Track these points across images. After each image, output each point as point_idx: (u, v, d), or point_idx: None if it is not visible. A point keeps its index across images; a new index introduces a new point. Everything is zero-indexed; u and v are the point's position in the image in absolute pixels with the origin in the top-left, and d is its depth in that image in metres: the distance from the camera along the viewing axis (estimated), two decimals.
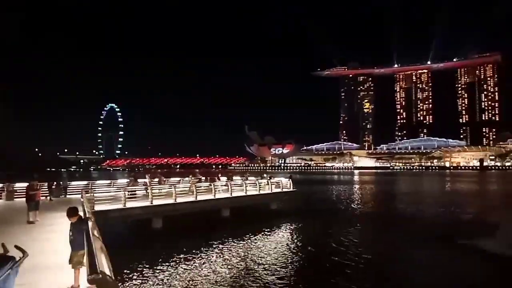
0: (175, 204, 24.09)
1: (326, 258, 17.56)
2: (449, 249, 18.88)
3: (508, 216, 20.30)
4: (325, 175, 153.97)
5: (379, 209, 39.91)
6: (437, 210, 36.86)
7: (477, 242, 18.82)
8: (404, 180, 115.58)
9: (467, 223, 28.83)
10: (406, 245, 20.47)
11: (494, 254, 16.86)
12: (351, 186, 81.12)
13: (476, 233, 20.69)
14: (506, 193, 60.11)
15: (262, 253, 18.36)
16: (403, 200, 48.67)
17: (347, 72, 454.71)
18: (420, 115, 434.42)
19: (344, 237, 22.23)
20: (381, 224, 28.86)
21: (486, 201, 50.29)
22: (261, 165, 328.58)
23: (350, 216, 32.65)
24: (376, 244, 21.42)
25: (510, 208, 22.24)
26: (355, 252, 18.31)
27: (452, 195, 58.19)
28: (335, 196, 53.50)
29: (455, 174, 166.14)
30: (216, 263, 16.45)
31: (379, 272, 15.92)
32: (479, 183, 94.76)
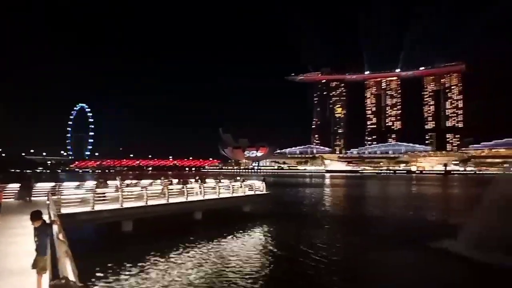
0: (146, 206, 23.67)
1: (297, 261, 17.79)
2: (416, 250, 19.55)
3: (469, 218, 21.38)
4: (297, 178, 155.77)
5: (349, 212, 40.82)
6: (404, 213, 38.16)
7: (442, 244, 19.64)
8: (373, 183, 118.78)
9: (432, 225, 30.02)
10: (374, 247, 21.02)
11: (457, 255, 17.66)
12: (322, 189, 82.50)
13: (441, 235, 21.56)
14: (467, 196, 63.03)
15: (234, 256, 18.36)
16: (372, 203, 50.02)
17: (320, 78, 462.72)
18: (389, 121, 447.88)
19: (315, 239, 22.59)
20: (350, 227, 29.53)
21: (449, 204, 52.57)
22: (235, 167, 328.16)
23: (321, 218, 33.18)
24: (346, 246, 21.90)
25: (471, 211, 23.43)
26: (325, 255, 18.65)
27: (418, 198, 60.37)
28: (307, 199, 54.25)
29: (421, 178, 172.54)
30: (188, 266, 16.30)
31: (348, 274, 16.31)
32: (443, 187, 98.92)
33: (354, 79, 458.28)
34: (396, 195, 69.32)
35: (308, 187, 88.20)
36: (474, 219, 20.24)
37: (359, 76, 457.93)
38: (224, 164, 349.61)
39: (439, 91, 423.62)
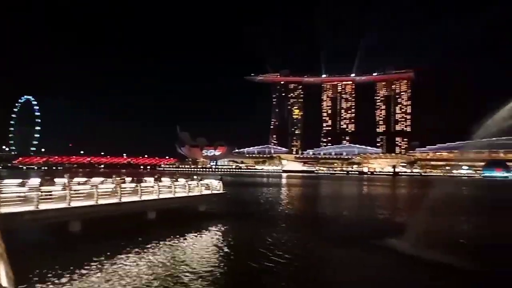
0: (96, 206, 22.68)
1: (252, 260, 17.88)
2: (364, 248, 20.39)
3: (413, 217, 22.75)
4: (255, 178, 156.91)
5: (303, 211, 41.80)
6: (354, 212, 39.74)
7: (388, 242, 20.70)
8: (327, 183, 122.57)
9: (380, 224, 31.52)
10: (327, 246, 21.68)
11: (402, 253, 18.69)
12: (279, 188, 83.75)
13: (388, 233, 22.69)
14: (412, 196, 67.01)
15: (188, 257, 18.11)
16: (325, 203, 51.64)
17: (279, 79, 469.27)
18: (343, 124, 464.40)
19: (270, 238, 22.85)
20: (305, 226, 30.24)
21: (396, 203, 55.54)
22: (192, 166, 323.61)
23: (276, 218, 33.67)
24: (300, 245, 22.36)
25: (415, 210, 25.07)
26: (280, 254, 18.92)
27: (368, 198, 63.22)
28: (264, 198, 54.79)
29: (371, 179, 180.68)
30: (138, 268, 15.79)
31: (301, 272, 16.67)
32: (391, 187, 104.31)
33: (311, 81, 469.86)
34: (348, 195, 72.03)
35: (265, 187, 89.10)
36: (417, 218, 21.50)
37: (316, 79, 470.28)
38: (181, 163, 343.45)
39: (390, 96, 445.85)
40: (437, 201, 21.36)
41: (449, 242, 18.88)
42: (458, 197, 57.35)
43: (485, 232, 26.99)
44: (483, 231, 27.37)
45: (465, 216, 34.13)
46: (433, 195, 22.65)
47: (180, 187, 31.78)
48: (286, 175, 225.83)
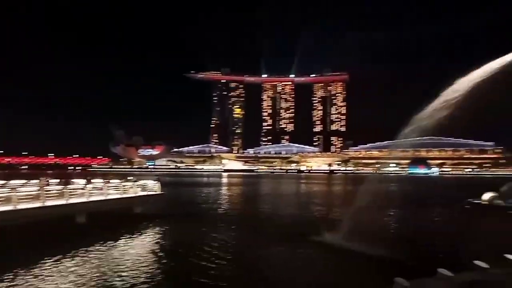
0: (15, 211, 20.50)
1: (191, 261, 17.40)
2: (302, 245, 20.95)
3: (347, 213, 24.01)
4: (195, 178, 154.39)
5: (243, 210, 41.89)
6: (292, 209, 40.74)
7: (324, 237, 21.50)
8: (267, 182, 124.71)
9: (317, 220, 32.64)
10: (265, 244, 21.86)
11: (336, 247, 19.48)
12: (219, 188, 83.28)
13: (324, 229, 23.52)
14: (346, 193, 70.67)
15: (122, 262, 17.06)
16: (264, 201, 52.33)
17: (220, 77, 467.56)
18: (283, 123, 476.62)
19: (209, 239, 22.47)
20: (244, 224, 30.26)
21: (331, 200, 58.13)
22: (127, 167, 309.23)
23: (216, 217, 33.30)
24: (239, 244, 22.28)
25: (349, 206, 26.50)
26: (219, 254, 18.67)
27: (306, 195, 65.39)
28: (204, 198, 54.00)
29: (309, 177, 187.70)
30: (61, 279, 14.50)
31: (241, 271, 16.56)
32: (327, 185, 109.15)
33: (252, 81, 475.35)
34: (287, 192, 73.85)
35: (205, 187, 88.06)
36: (350, 213, 22.60)
37: (257, 78, 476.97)
38: (115, 163, 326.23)
39: (326, 97, 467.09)
40: (367, 197, 22.63)
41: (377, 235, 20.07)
42: (386, 192, 61.68)
43: (408, 224, 29.25)
44: (407, 224, 29.65)
45: (392, 210, 36.74)
46: (364, 191, 24.02)
47: (113, 189, 30.04)
48: (227, 174, 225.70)
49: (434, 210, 38.85)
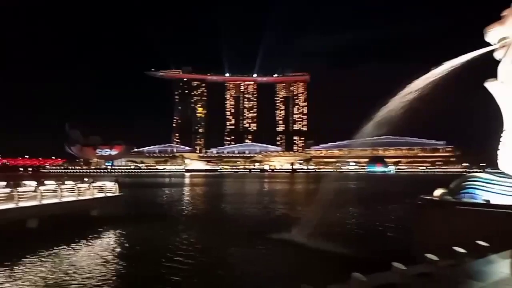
0: None
1: (149, 265, 16.96)
2: (265, 243, 21.14)
3: (308, 211, 24.53)
4: (156, 178, 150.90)
5: (206, 210, 41.53)
6: (256, 209, 40.94)
7: (285, 235, 21.80)
8: (230, 181, 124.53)
9: (279, 218, 33.03)
10: (228, 243, 21.78)
11: (297, 244, 19.81)
12: (181, 188, 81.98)
13: (284, 227, 23.87)
14: (307, 191, 72.14)
15: (77, 267, 16.30)
16: (228, 201, 52.17)
17: (181, 76, 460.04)
18: (246, 123, 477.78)
19: (171, 240, 22.03)
20: (207, 224, 29.99)
21: (293, 198, 59.10)
22: (84, 167, 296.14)
23: (178, 218, 32.74)
24: (202, 245, 22.03)
25: (310, 204, 27.18)
26: (181, 255, 18.36)
27: (269, 194, 65.98)
28: (165, 199, 52.94)
29: (272, 176, 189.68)
30: (12, 286, 13.62)
31: (203, 272, 16.37)
32: (289, 183, 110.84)
33: (215, 80, 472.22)
34: (250, 192, 74.14)
35: (167, 187, 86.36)
36: (311, 211, 23.10)
37: (220, 77, 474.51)
38: (70, 164, 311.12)
39: (289, 97, 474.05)
40: (328, 195, 23.25)
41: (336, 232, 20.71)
42: (346, 190, 63.65)
43: (365, 221, 30.37)
44: (364, 220, 30.78)
45: (351, 207, 37.98)
46: (325, 190, 24.68)
47: (68, 191, 28.63)
48: (189, 174, 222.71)
49: (389, 206, 40.64)
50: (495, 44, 18.49)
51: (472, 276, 8.91)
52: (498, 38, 18.19)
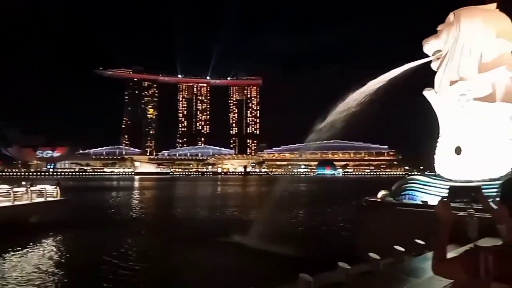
0: None
1: (95, 273, 16.11)
2: (216, 247, 20.98)
3: (258, 214, 24.74)
4: (103, 181, 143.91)
5: (156, 214, 40.38)
6: (208, 212, 40.54)
7: (236, 239, 21.81)
8: (182, 185, 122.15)
9: (231, 222, 32.94)
10: (178, 248, 21.33)
11: (247, 246, 19.90)
12: (131, 192, 78.98)
13: (235, 230, 23.86)
14: (259, 194, 72.83)
15: (11, 279, 15.04)
16: (179, 204, 51.10)
17: (132, 76, 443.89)
18: (199, 125, 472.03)
19: (117, 246, 21.11)
20: (156, 230, 29.16)
21: (246, 201, 59.31)
22: (22, 170, 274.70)
23: (126, 223, 31.50)
24: (151, 250, 21.37)
25: (261, 207, 27.48)
26: (128, 261, 17.67)
27: (221, 197, 65.67)
28: (113, 204, 50.66)
29: (225, 179, 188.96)
30: None
31: (154, 278, 15.86)
32: (242, 186, 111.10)
33: (167, 81, 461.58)
34: (203, 195, 73.30)
35: (115, 191, 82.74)
36: (262, 214, 23.35)
37: (172, 78, 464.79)
38: (6, 166, 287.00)
39: (242, 100, 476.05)
40: (279, 198, 23.64)
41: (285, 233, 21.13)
42: (296, 193, 65.08)
43: (313, 222, 31.30)
44: (312, 222, 31.71)
45: (301, 209, 38.93)
46: (276, 192, 25.06)
47: (2, 195, 26.40)
48: (139, 177, 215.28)
49: (336, 208, 42.20)
50: (431, 56, 20.02)
51: (410, 273, 9.53)
52: (434, 51, 19.71)
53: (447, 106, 19.19)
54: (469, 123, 18.45)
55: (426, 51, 19.96)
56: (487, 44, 18.27)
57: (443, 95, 19.24)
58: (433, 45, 19.44)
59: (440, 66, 19.21)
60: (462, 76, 18.35)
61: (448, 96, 19.00)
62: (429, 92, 20.10)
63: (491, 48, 18.24)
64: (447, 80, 18.83)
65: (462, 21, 18.77)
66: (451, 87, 18.71)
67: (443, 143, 19.60)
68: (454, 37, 18.77)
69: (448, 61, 18.89)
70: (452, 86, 18.68)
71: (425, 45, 19.71)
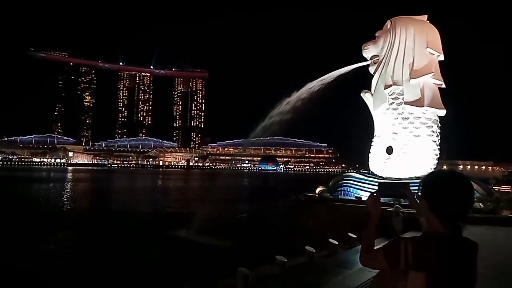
0: None
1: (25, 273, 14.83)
2: (157, 240, 20.44)
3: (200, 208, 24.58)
4: (31, 172, 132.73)
5: (90, 208, 38.25)
6: (148, 206, 39.29)
7: (176, 232, 21.44)
8: (121, 178, 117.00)
9: (172, 216, 32.27)
10: (117, 242, 20.45)
11: (186, 240, 19.69)
12: (63, 184, 73.88)
13: (176, 224, 23.46)
14: (201, 188, 72.24)
15: None
16: (118, 198, 48.92)
17: (67, 59, 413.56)
18: (140, 116, 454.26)
19: (49, 243, 19.70)
20: (93, 224, 27.60)
21: (188, 195, 58.43)
22: None
23: (57, 218, 29.44)
24: (86, 245, 20.21)
25: (202, 201, 27.34)
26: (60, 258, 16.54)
27: (162, 191, 64.03)
28: (41, 197, 46.96)
29: (167, 172, 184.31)
30: None
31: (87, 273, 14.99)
32: (184, 180, 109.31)
33: (107, 67, 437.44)
34: (142, 188, 70.85)
35: (45, 183, 76.81)
36: (203, 208, 23.20)
37: (113, 65, 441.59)
38: None
39: (187, 93, 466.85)
40: (220, 192, 23.63)
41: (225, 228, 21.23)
42: (238, 187, 65.55)
43: (253, 217, 31.81)
44: (252, 216, 32.22)
45: (241, 204, 39.30)
46: (218, 187, 25.03)
47: None
48: (73, 168, 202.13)
49: (275, 202, 43.21)
50: (369, 60, 21.20)
51: (342, 265, 10.06)
52: (371, 55, 20.91)
53: (381, 108, 20.48)
54: (400, 124, 19.90)
55: (365, 55, 21.11)
56: (419, 52, 19.78)
57: (378, 97, 20.51)
58: (371, 50, 20.61)
59: (377, 70, 20.43)
60: (395, 80, 19.68)
61: (383, 98, 20.28)
62: (366, 94, 21.31)
63: (421, 56, 19.78)
64: (382, 83, 20.09)
65: (397, 29, 20.11)
66: (385, 90, 19.99)
67: (377, 143, 20.92)
68: (390, 44, 20.06)
69: (384, 66, 20.16)
70: (386, 90, 19.96)
71: (364, 49, 20.83)
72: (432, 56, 20.20)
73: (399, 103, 19.94)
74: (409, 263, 2.08)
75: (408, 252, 2.09)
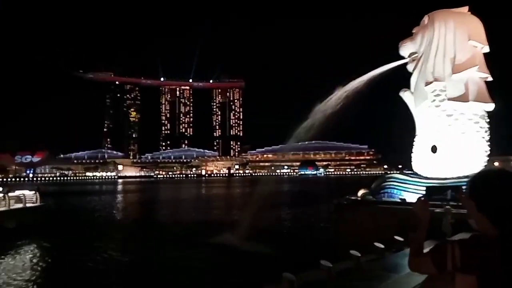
0: None
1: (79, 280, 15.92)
2: (202, 247, 21.02)
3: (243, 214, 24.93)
4: (85, 186, 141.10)
5: (141, 217, 39.97)
6: (193, 214, 40.40)
7: (221, 238, 21.91)
8: (167, 187, 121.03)
9: (216, 223, 32.93)
10: (162, 250, 21.26)
11: (231, 246, 20.05)
12: (114, 196, 77.83)
13: (221, 230, 23.94)
14: (243, 195, 72.92)
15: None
16: (163, 207, 50.75)
17: (113, 79, 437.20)
18: (182, 127, 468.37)
19: (101, 250, 20.89)
20: (142, 232, 28.90)
21: (230, 202, 59.30)
22: None
23: (110, 227, 31.09)
24: (135, 253, 21.21)
25: (245, 208, 27.74)
26: (113, 264, 17.52)
27: (206, 199, 65.47)
28: (95, 208, 49.82)
29: (209, 181, 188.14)
30: None
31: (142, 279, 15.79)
32: (226, 188, 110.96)
33: (149, 84, 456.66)
34: (187, 197, 72.84)
35: (98, 195, 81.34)
36: (245, 214, 23.51)
37: (155, 81, 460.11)
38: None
39: (225, 103, 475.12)
40: (262, 198, 23.85)
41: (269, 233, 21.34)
42: (279, 193, 65.50)
43: (297, 222, 31.64)
44: (296, 222, 32.05)
45: (284, 209, 39.25)
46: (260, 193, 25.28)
47: None
48: (122, 181, 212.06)
49: (319, 206, 42.66)
50: (407, 58, 20.62)
51: (390, 269, 9.85)
52: (409, 53, 20.32)
53: (422, 106, 19.81)
54: (444, 122, 19.10)
55: (402, 53, 20.57)
56: (460, 45, 18.96)
57: (419, 95, 19.86)
58: (409, 48, 20.05)
59: (416, 68, 19.82)
60: (436, 77, 18.98)
61: (424, 96, 19.61)
62: (405, 93, 20.71)
63: (463, 50, 18.94)
64: (423, 81, 19.45)
65: (436, 24, 19.42)
66: (426, 87, 19.33)
67: (420, 142, 20.21)
68: (429, 39, 19.41)
69: (423, 62, 19.52)
70: (427, 87, 19.30)
71: (401, 47, 20.31)
72: (476, 49, 19.27)
73: (441, 99, 19.19)
74: (457, 266, 2.02)
75: (455, 255, 2.03)
